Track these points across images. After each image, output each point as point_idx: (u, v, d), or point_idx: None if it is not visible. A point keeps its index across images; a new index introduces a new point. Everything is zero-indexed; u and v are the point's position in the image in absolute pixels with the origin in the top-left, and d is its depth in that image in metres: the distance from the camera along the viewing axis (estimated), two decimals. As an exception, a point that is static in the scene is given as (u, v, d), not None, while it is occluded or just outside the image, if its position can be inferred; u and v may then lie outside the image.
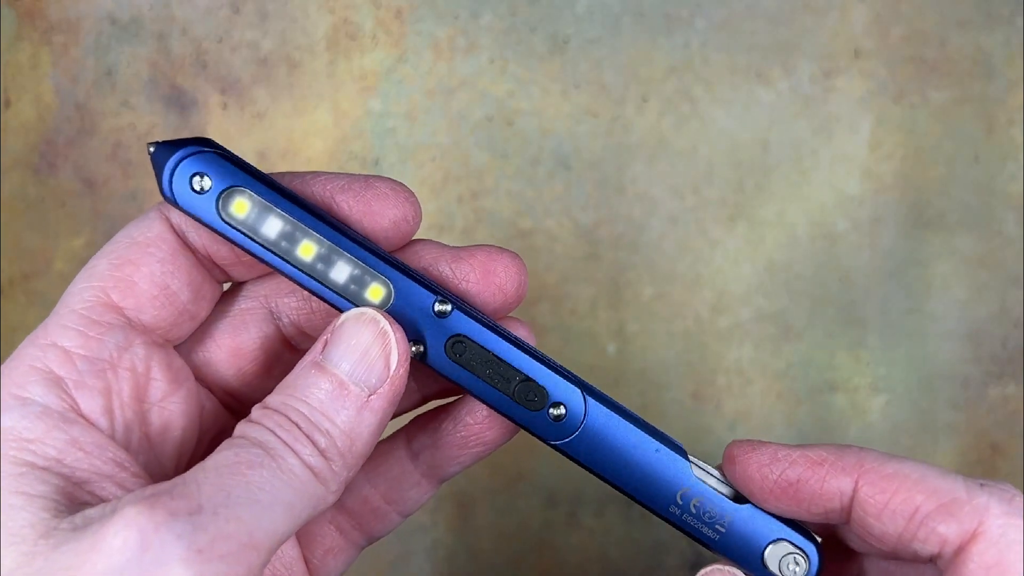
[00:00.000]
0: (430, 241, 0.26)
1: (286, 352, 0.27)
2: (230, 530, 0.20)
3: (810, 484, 0.24)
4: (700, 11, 0.44)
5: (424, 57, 0.44)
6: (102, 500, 0.21)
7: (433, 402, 0.28)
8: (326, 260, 0.24)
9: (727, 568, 0.25)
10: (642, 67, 0.44)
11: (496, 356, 0.25)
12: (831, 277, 0.44)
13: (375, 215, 0.25)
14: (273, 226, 0.24)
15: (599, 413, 0.25)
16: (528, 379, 0.25)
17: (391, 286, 0.24)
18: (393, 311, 0.24)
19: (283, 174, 0.25)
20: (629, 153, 0.44)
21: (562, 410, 0.25)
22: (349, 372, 0.23)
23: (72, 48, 0.44)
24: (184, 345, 0.26)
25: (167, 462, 0.25)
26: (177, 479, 0.21)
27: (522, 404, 0.25)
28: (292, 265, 0.24)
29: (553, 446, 0.25)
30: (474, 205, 0.44)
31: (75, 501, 0.21)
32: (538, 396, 0.25)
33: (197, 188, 0.24)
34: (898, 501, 0.23)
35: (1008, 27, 0.44)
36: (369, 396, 0.23)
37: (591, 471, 0.25)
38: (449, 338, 0.25)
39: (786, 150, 0.44)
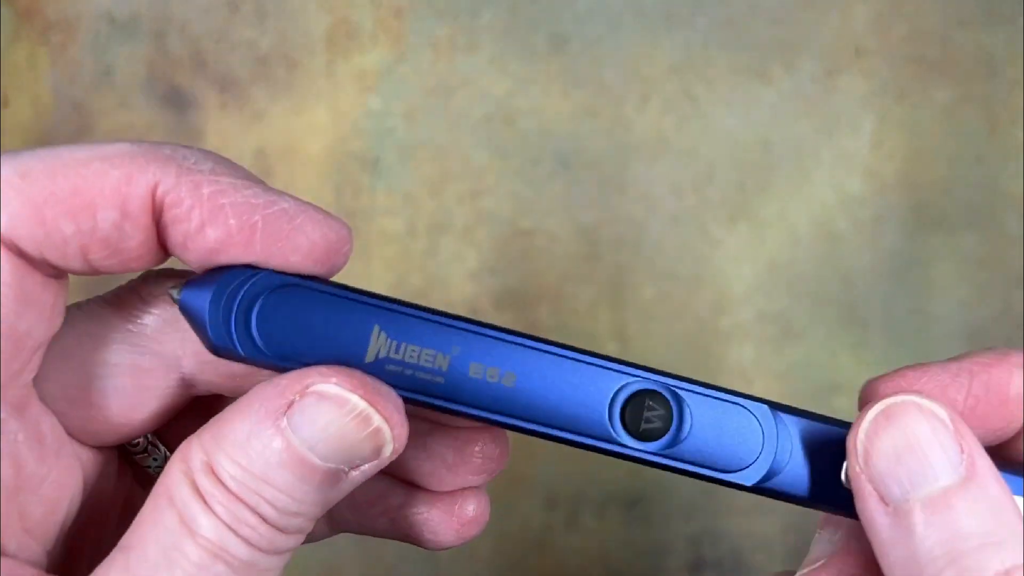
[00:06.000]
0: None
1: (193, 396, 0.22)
2: None
3: (998, 391, 0.21)
4: (701, 10, 0.43)
5: (424, 56, 0.43)
6: None
7: None
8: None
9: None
10: (643, 66, 0.43)
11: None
12: (833, 277, 0.44)
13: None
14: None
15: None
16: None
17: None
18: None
19: None
20: (629, 153, 0.44)
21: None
22: (324, 455, 0.18)
23: (70, 47, 0.44)
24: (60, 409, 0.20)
25: (55, 548, 0.20)
26: None
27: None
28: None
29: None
30: (474, 205, 0.44)
31: None
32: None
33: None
34: None
35: (1010, 26, 0.44)
36: (349, 472, 0.18)
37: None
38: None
39: (787, 149, 0.44)
